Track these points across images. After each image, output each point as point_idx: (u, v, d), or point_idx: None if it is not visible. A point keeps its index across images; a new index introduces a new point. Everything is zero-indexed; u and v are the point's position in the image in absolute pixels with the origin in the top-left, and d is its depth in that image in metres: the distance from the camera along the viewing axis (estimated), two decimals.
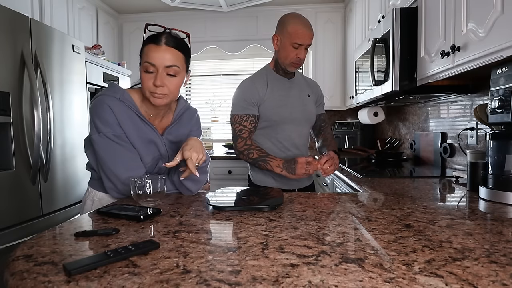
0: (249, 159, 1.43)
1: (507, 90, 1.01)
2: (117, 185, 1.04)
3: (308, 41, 1.40)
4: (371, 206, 0.97)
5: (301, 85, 1.56)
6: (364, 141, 3.18)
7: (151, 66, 1.00)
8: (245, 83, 1.48)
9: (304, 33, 1.38)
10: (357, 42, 2.80)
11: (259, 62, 3.64)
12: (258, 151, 1.41)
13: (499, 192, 1.01)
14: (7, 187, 1.61)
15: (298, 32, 1.37)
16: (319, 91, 1.66)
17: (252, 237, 0.68)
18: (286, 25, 1.40)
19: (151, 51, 1.00)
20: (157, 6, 3.23)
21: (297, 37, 1.37)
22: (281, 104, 1.46)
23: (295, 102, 1.50)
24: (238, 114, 1.44)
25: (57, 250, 0.62)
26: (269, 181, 1.50)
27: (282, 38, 1.42)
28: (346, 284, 0.47)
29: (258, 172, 1.52)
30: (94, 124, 1.02)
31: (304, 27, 1.38)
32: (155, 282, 0.48)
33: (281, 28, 1.43)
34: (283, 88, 1.49)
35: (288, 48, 1.40)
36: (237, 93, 1.48)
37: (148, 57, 1.00)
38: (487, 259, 0.56)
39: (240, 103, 1.44)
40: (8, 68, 1.63)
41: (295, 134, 1.50)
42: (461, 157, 1.80)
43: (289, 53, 1.41)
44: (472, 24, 1.14)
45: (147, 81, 1.01)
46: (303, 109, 1.52)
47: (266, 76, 1.49)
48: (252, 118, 1.43)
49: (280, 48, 1.43)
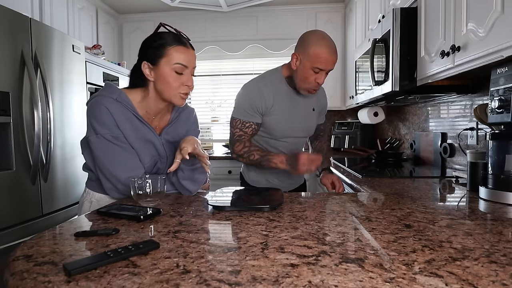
0: (250, 161, 1.38)
1: (507, 90, 1.01)
2: (116, 186, 1.04)
3: (331, 67, 1.29)
4: (371, 206, 0.97)
5: (309, 97, 1.47)
6: (364, 141, 3.18)
7: (183, 68, 1.03)
8: (252, 88, 1.39)
9: (327, 59, 1.25)
10: (357, 42, 2.80)
11: (259, 62, 3.64)
12: (259, 152, 1.37)
13: (499, 192, 1.01)
14: (7, 187, 1.61)
15: (321, 56, 1.24)
16: (324, 101, 1.62)
17: (252, 237, 0.68)
18: (309, 46, 1.26)
19: (182, 52, 1.03)
20: (157, 6, 3.23)
21: (319, 62, 1.25)
22: (284, 119, 1.40)
23: (299, 117, 1.44)
24: (241, 119, 1.38)
25: (57, 250, 0.62)
26: (262, 181, 1.50)
27: (302, 58, 1.28)
28: (346, 284, 0.47)
29: (252, 172, 1.52)
30: (92, 125, 1.02)
31: (328, 51, 1.25)
32: (155, 282, 0.48)
33: (302, 47, 1.28)
34: (290, 101, 1.41)
35: (308, 71, 1.28)
36: (243, 97, 1.39)
37: (180, 59, 1.02)
38: (487, 259, 0.56)
39: (245, 108, 1.37)
40: (8, 68, 1.63)
41: (292, 146, 1.49)
42: (461, 157, 1.80)
43: (308, 76, 1.29)
44: (472, 24, 1.14)
45: (176, 82, 1.04)
46: (305, 124, 1.49)
47: (275, 84, 1.39)
48: (254, 126, 1.39)
49: (299, 69, 1.31)
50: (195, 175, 1.10)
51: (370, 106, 2.81)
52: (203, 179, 1.14)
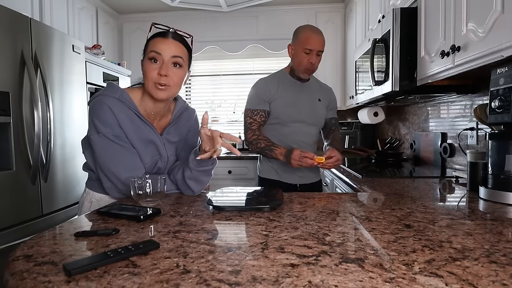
0: (257, 148, 1.53)
1: (507, 90, 1.01)
2: (117, 185, 1.04)
3: (319, 47, 1.49)
4: (371, 206, 0.97)
5: (313, 89, 1.64)
6: (364, 141, 3.18)
7: (157, 55, 1.01)
8: (260, 82, 1.60)
9: (314, 39, 1.47)
10: (357, 42, 2.80)
11: (259, 62, 3.64)
12: (265, 141, 1.51)
13: (499, 192, 1.01)
14: (7, 187, 1.61)
15: (308, 38, 1.47)
16: (331, 96, 1.72)
17: (252, 237, 0.68)
18: (298, 33, 1.52)
19: (158, 42, 1.02)
20: (157, 6, 3.23)
21: (307, 43, 1.47)
22: (290, 104, 1.55)
23: (305, 104, 1.58)
24: (251, 109, 1.56)
25: (57, 250, 0.62)
26: (273, 173, 1.60)
27: (295, 46, 1.52)
28: (346, 284, 0.47)
29: (264, 164, 1.63)
30: (94, 124, 1.02)
31: (314, 33, 1.48)
32: (155, 282, 0.48)
33: (294, 37, 1.54)
34: (295, 90, 1.58)
35: (301, 54, 1.49)
36: (252, 90, 1.60)
37: (155, 47, 1.01)
38: (487, 259, 0.56)
39: (253, 99, 1.56)
40: (8, 68, 1.63)
41: (301, 133, 1.58)
42: (461, 157, 1.80)
43: (302, 59, 1.50)
44: (472, 24, 1.14)
45: (151, 72, 1.01)
46: (311, 111, 1.60)
47: (280, 77, 1.60)
48: (262, 113, 1.54)
49: (294, 56, 1.54)
50: (201, 177, 1.10)
51: (370, 106, 2.81)
52: (207, 181, 1.14)
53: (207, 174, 1.11)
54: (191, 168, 1.07)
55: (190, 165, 1.06)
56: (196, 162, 1.05)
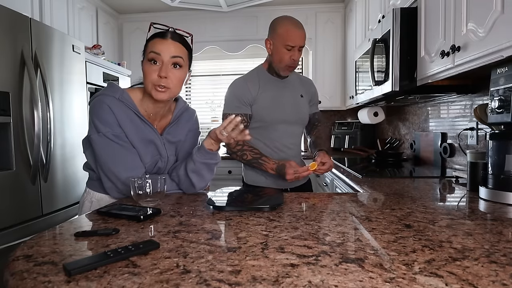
0: (243, 160, 1.43)
1: (507, 90, 1.01)
2: (117, 185, 1.04)
3: (301, 42, 1.36)
4: (371, 206, 0.97)
5: (294, 85, 1.53)
6: (364, 141, 3.18)
7: (156, 56, 1.00)
8: (238, 82, 1.47)
9: (295, 34, 1.34)
10: (357, 42, 2.80)
11: (259, 62, 3.53)
12: (252, 153, 1.40)
13: (499, 192, 1.01)
14: (7, 187, 1.61)
15: (289, 33, 1.34)
16: (312, 89, 1.62)
17: (252, 237, 0.68)
18: (277, 27, 1.37)
19: (157, 43, 1.01)
20: (157, 6, 3.23)
21: (288, 39, 1.34)
22: (273, 105, 1.44)
23: (288, 102, 1.48)
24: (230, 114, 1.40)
25: (57, 250, 0.62)
26: (261, 180, 1.49)
27: (274, 41, 1.39)
28: (346, 284, 0.47)
29: (250, 171, 1.52)
30: (94, 124, 1.02)
31: (294, 27, 1.35)
32: (155, 282, 0.48)
33: (272, 31, 1.40)
34: (276, 88, 1.47)
35: (281, 50, 1.36)
36: (229, 92, 1.46)
37: (154, 48, 1.01)
38: (487, 259, 0.56)
39: (233, 102, 1.43)
40: (8, 68, 1.63)
41: (287, 134, 1.49)
42: (461, 157, 1.80)
43: (283, 55, 1.37)
44: (472, 24, 1.14)
45: (151, 73, 1.01)
46: (295, 110, 1.50)
47: (258, 76, 1.48)
48: (244, 118, 1.40)
49: (273, 52, 1.40)
50: (204, 171, 1.10)
51: (370, 106, 2.81)
52: (209, 178, 1.14)
53: (210, 170, 1.11)
54: (195, 161, 1.07)
55: (194, 157, 1.07)
56: (201, 153, 1.06)
